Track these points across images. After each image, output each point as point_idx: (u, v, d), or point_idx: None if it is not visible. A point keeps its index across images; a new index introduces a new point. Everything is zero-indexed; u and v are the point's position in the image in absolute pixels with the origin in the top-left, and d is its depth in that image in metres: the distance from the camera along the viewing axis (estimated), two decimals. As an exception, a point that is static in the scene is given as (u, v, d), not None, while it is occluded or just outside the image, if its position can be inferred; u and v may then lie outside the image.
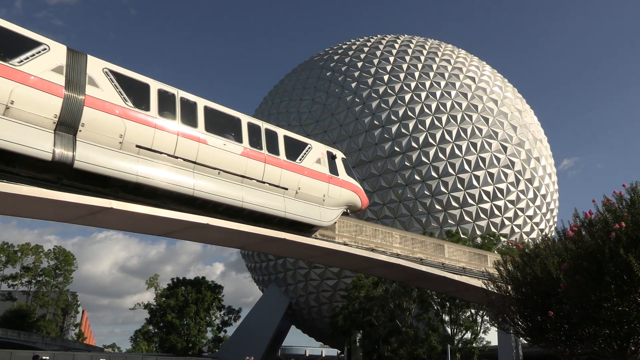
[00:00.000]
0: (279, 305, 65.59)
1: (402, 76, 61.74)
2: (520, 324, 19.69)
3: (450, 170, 57.18)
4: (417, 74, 61.94)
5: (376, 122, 58.94)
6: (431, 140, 57.69)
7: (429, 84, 61.16)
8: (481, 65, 69.29)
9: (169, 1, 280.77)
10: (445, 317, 42.25)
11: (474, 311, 41.73)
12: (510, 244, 41.53)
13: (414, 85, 60.83)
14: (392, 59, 64.11)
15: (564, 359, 19.83)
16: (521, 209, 60.69)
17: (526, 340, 21.96)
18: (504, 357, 37.20)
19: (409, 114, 58.74)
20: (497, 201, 58.54)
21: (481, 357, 41.44)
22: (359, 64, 64.69)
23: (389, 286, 44.13)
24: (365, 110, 59.96)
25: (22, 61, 12.83)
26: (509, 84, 71.44)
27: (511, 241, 48.23)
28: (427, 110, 59.00)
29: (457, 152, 57.69)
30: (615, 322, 15.93)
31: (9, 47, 12.84)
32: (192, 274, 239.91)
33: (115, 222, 17.88)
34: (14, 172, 13.77)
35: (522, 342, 35.35)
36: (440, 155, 57.38)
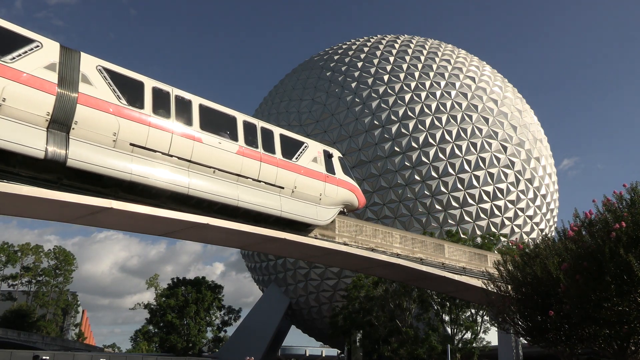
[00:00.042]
0: (279, 305, 65.59)
1: (402, 76, 61.74)
2: (520, 324, 19.69)
3: (450, 170, 57.19)
4: (417, 74, 61.95)
5: (376, 122, 58.94)
6: (431, 140, 57.69)
7: (429, 84, 61.16)
8: (481, 65, 69.29)
9: (169, 1, 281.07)
10: (445, 317, 42.23)
11: (474, 311, 41.72)
12: (510, 244, 41.52)
13: (414, 85, 60.83)
14: (392, 59, 64.11)
15: (564, 359, 19.84)
16: (521, 209, 60.70)
17: (526, 340, 21.96)
18: (504, 357, 37.18)
19: (409, 114, 58.75)
20: (497, 201, 58.56)
21: (481, 357, 41.43)
22: (359, 64, 64.69)
23: (389, 286, 44.12)
24: (365, 110, 59.96)
25: (14, 58, 12.67)
26: (509, 84, 71.46)
27: (511, 241, 48.22)
28: (427, 110, 59.01)
29: (457, 152, 57.70)
30: (615, 322, 15.93)
31: (0, 44, 12.67)
32: (192, 273, 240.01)
33: (115, 222, 17.89)
34: (14, 172, 13.71)
35: (522, 342, 35.33)
36: (440, 155, 57.39)
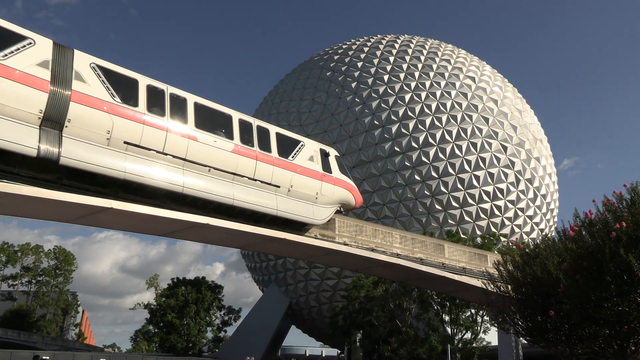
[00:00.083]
0: (279, 305, 65.59)
1: (402, 76, 61.74)
2: (520, 324, 19.70)
3: (450, 170, 57.19)
4: (417, 74, 61.94)
5: (376, 122, 58.94)
6: (431, 140, 57.69)
7: (429, 83, 61.16)
8: (481, 65, 69.29)
9: (169, 1, 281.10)
10: (445, 317, 42.23)
11: (474, 311, 41.71)
12: (510, 244, 41.52)
13: (414, 85, 60.83)
14: (392, 59, 64.11)
15: (564, 359, 19.85)
16: (521, 209, 60.70)
17: (526, 340, 21.98)
18: (504, 357, 37.19)
19: (409, 113, 58.75)
20: (497, 201, 58.55)
21: (481, 357, 41.43)
22: (359, 64, 64.68)
23: (389, 286, 44.11)
24: (365, 110, 59.96)
25: (6, 55, 12.55)
26: (509, 83, 71.46)
27: (512, 241, 48.24)
28: (427, 110, 59.01)
29: (457, 152, 57.69)
30: (615, 322, 15.94)
31: None
32: (192, 274, 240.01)
33: (115, 222, 17.89)
34: (14, 172, 13.70)
35: (522, 342, 35.34)
36: (440, 155, 57.39)
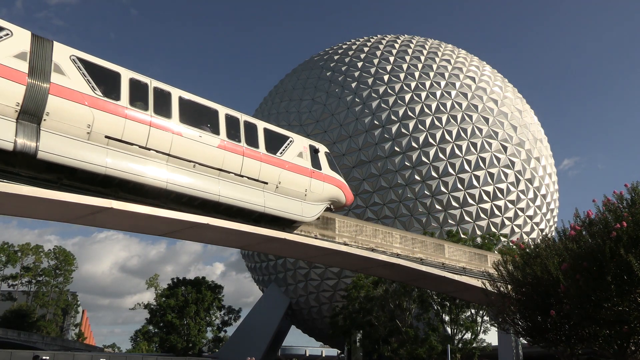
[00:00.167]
0: (279, 305, 65.60)
1: (402, 76, 61.74)
2: (520, 324, 19.68)
3: (450, 170, 57.19)
4: (417, 74, 61.95)
5: (376, 122, 58.94)
6: (431, 140, 57.69)
7: (429, 84, 61.16)
8: (481, 65, 69.29)
9: (169, 1, 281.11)
10: (445, 317, 42.24)
11: (474, 311, 41.73)
12: (511, 244, 41.52)
13: (414, 85, 60.83)
14: (392, 59, 64.11)
15: (564, 359, 19.84)
16: (521, 209, 60.71)
17: (526, 340, 21.97)
18: (504, 357, 37.21)
19: (409, 114, 58.75)
20: (497, 201, 58.56)
21: (481, 357, 41.44)
22: (359, 64, 64.69)
23: (389, 286, 44.12)
24: (365, 110, 59.96)
25: None
26: (509, 83, 71.47)
27: (512, 240, 48.25)
28: (427, 110, 59.01)
29: (457, 152, 57.69)
30: (615, 322, 15.92)
31: None
32: (192, 274, 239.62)
33: (115, 222, 17.89)
34: (14, 172, 13.68)
35: (522, 342, 35.35)
36: (440, 155, 57.39)
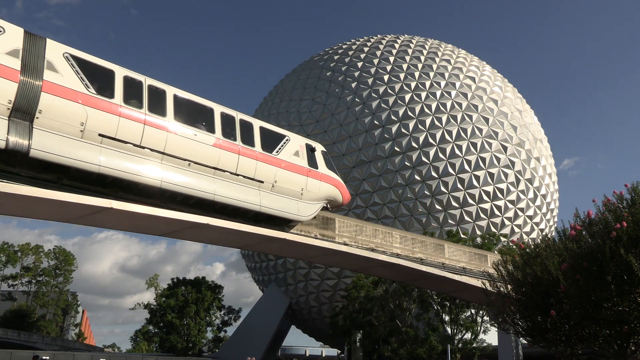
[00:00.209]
0: (279, 305, 65.59)
1: (402, 76, 61.73)
2: (520, 324, 19.68)
3: (450, 170, 57.19)
4: (417, 74, 61.94)
5: (376, 122, 58.94)
6: (431, 140, 57.68)
7: (429, 84, 61.15)
8: (481, 65, 69.28)
9: (169, 1, 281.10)
10: (445, 317, 42.24)
11: (474, 311, 41.73)
12: (511, 243, 41.52)
13: (414, 85, 60.82)
14: (392, 59, 64.10)
15: (564, 359, 19.84)
16: (521, 209, 60.70)
17: (526, 340, 21.96)
18: (504, 357, 37.19)
19: (409, 114, 58.75)
20: (497, 201, 58.55)
21: (481, 357, 41.44)
22: (359, 64, 64.68)
23: (389, 286, 44.11)
24: (365, 110, 59.95)
25: None
26: (509, 83, 71.46)
27: (512, 240, 48.25)
28: (427, 110, 59.00)
29: (457, 152, 57.69)
30: (615, 322, 15.92)
31: None
32: (192, 274, 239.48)
33: (115, 222, 17.88)
34: (14, 172, 13.66)
35: (522, 342, 35.34)
36: (440, 155, 57.39)
